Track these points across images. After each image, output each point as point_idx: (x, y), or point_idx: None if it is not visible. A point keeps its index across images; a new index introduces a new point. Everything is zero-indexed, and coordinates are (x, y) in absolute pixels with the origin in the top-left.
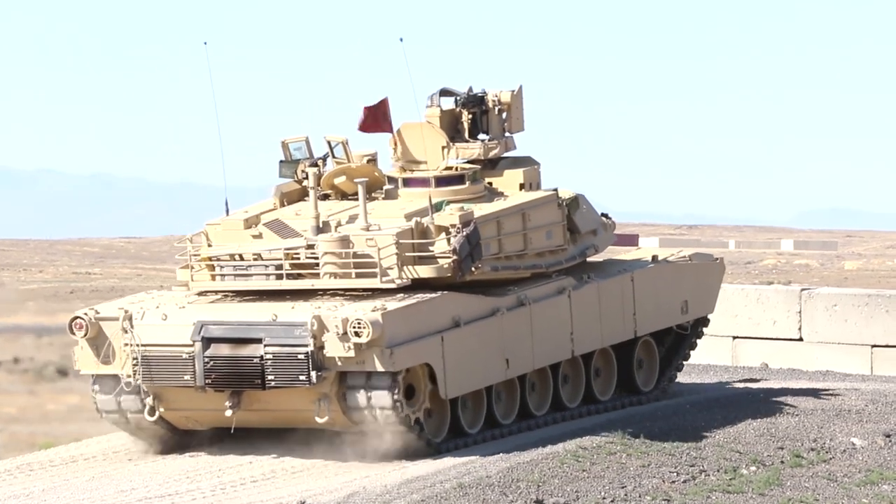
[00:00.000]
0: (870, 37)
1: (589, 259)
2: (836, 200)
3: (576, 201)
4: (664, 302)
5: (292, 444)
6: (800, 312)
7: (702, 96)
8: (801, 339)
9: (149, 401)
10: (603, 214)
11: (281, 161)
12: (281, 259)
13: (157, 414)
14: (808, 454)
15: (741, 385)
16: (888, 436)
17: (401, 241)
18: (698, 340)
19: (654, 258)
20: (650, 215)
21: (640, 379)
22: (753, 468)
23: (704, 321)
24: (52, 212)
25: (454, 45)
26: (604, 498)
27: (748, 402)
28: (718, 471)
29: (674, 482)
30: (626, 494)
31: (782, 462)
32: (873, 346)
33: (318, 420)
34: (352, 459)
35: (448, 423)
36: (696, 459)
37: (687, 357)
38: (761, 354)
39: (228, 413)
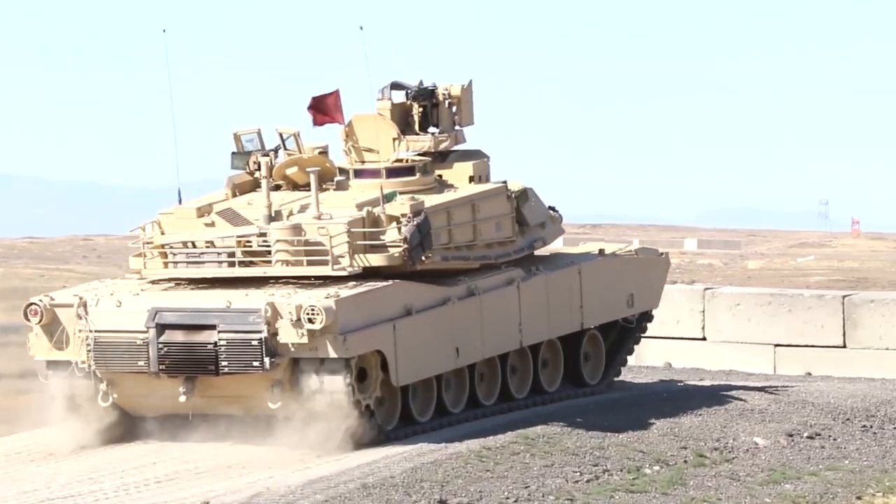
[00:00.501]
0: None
1: (537, 252)
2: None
3: (525, 194)
4: (610, 295)
5: (236, 435)
6: (703, 311)
7: (616, 97)
8: (704, 339)
9: (102, 387)
10: (550, 208)
11: (233, 153)
12: (233, 247)
13: (110, 400)
14: (712, 454)
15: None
16: (791, 435)
17: (352, 229)
18: (642, 335)
19: (601, 251)
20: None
21: (587, 371)
22: (657, 468)
23: (649, 315)
24: None
25: (408, 39)
26: (507, 498)
27: (651, 402)
28: (622, 470)
29: (577, 482)
30: (529, 494)
31: (685, 461)
32: (776, 345)
33: (272, 406)
34: (302, 448)
35: (399, 412)
36: (599, 459)
37: (631, 351)
38: (665, 354)
39: (182, 399)
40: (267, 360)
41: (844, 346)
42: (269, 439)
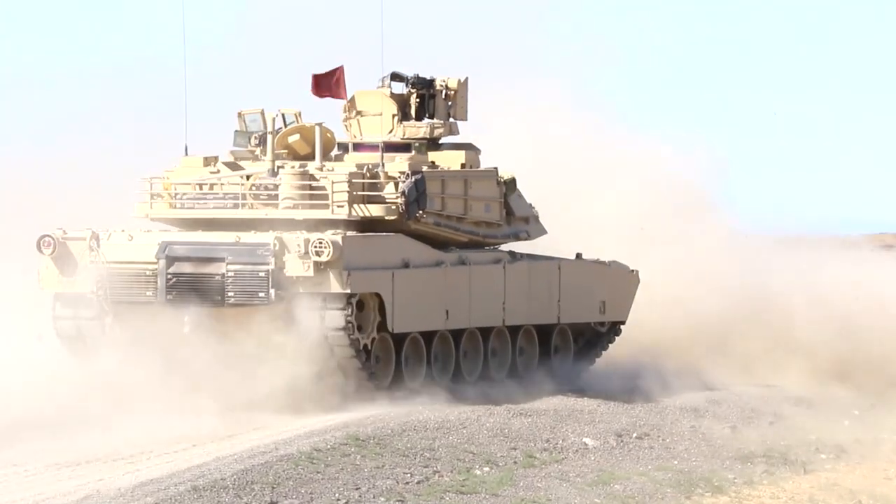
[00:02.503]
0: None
1: (517, 250)
2: None
3: (513, 182)
4: (585, 297)
5: (238, 373)
6: None
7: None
8: None
9: (108, 320)
10: (529, 205)
11: (236, 131)
12: (239, 190)
13: (116, 333)
14: (541, 454)
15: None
16: (620, 435)
17: (353, 179)
18: (610, 344)
19: (579, 255)
20: None
21: (556, 364)
22: (487, 468)
23: (618, 328)
24: None
25: (420, 29)
26: (338, 499)
27: (482, 403)
28: (452, 471)
29: (408, 483)
30: (360, 496)
31: (515, 462)
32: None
33: (276, 338)
34: (297, 387)
35: (392, 374)
36: (429, 460)
37: (599, 354)
38: None
39: (186, 330)
40: (272, 291)
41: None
42: (268, 376)
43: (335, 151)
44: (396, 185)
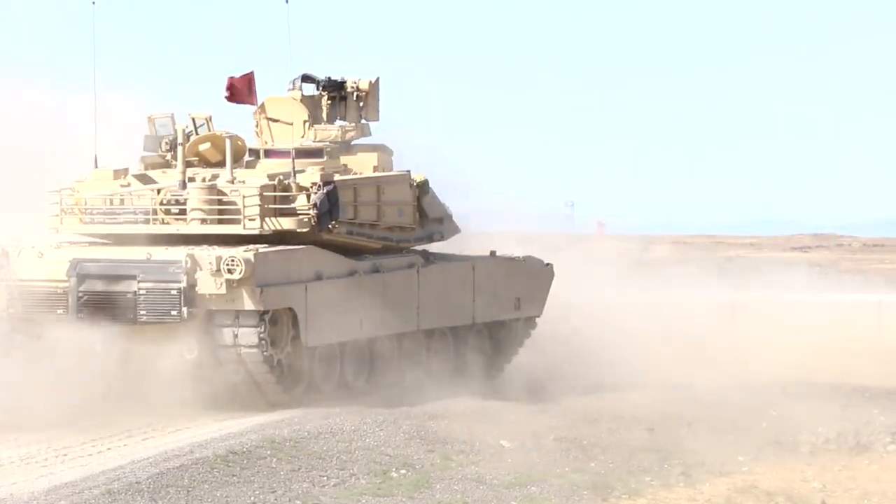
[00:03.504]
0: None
1: (432, 251)
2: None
3: (426, 185)
4: (500, 295)
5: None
6: None
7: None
8: None
9: (19, 338)
10: (443, 205)
11: (146, 135)
12: (150, 205)
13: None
14: (458, 456)
15: None
16: (536, 437)
17: (264, 193)
18: (527, 339)
19: (492, 253)
20: None
21: (472, 364)
22: (403, 471)
23: (534, 322)
24: None
25: (322, 32)
26: (253, 502)
27: (396, 406)
28: (368, 474)
29: (324, 486)
30: (275, 499)
31: (432, 465)
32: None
33: (188, 357)
34: (213, 401)
35: (305, 381)
36: (346, 463)
37: (516, 352)
38: None
39: (98, 348)
40: (185, 309)
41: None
42: (183, 392)
43: (247, 158)
44: (308, 196)
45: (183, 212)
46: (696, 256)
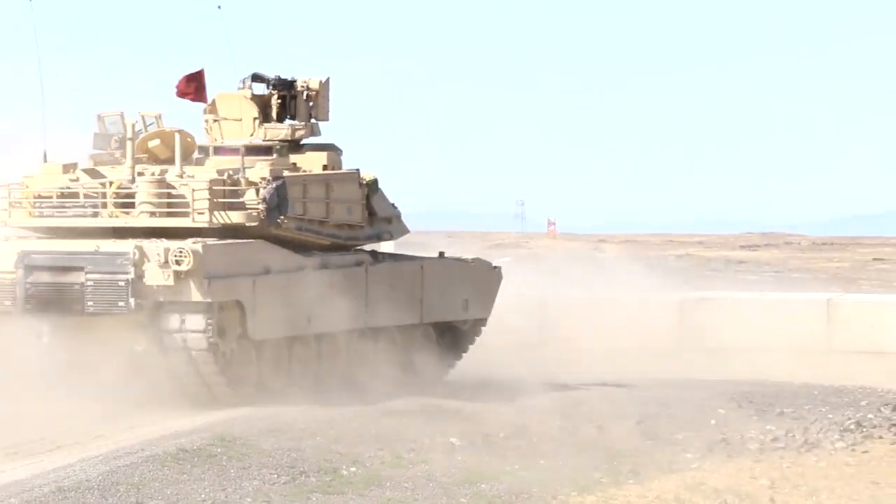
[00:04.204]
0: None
1: (381, 251)
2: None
3: (375, 184)
4: (448, 296)
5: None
6: None
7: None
8: None
9: None
10: (391, 204)
11: (96, 133)
12: (98, 198)
13: None
14: (408, 454)
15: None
16: (486, 435)
17: (213, 186)
18: (477, 338)
19: (441, 254)
20: None
21: (419, 364)
22: (353, 469)
23: (482, 323)
24: None
25: (271, 28)
26: (204, 500)
27: (346, 404)
28: (318, 472)
29: (274, 484)
30: (226, 497)
31: (382, 462)
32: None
33: (137, 348)
34: (161, 394)
35: (253, 379)
36: (296, 461)
37: (465, 351)
38: None
39: (45, 340)
40: (132, 300)
41: (543, 345)
42: (131, 384)
43: (196, 155)
44: (257, 191)
45: (132, 205)
46: (647, 255)
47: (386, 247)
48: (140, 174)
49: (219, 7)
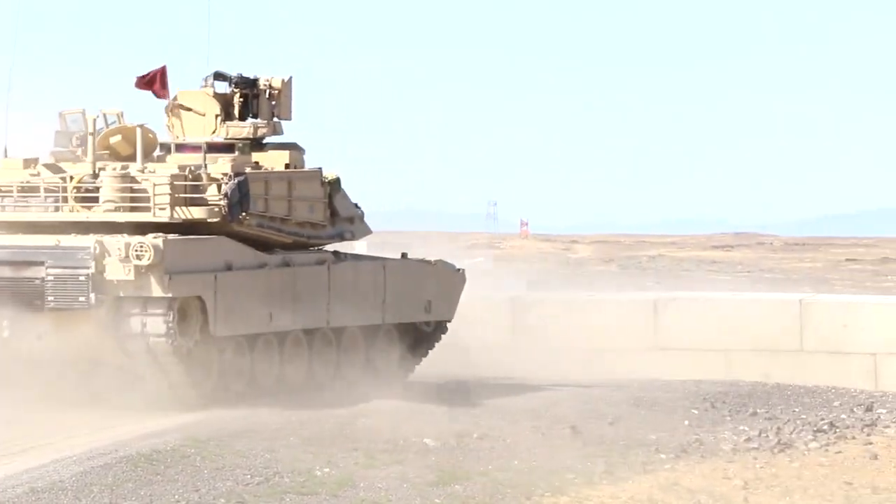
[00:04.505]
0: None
1: (343, 251)
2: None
3: (338, 182)
4: (411, 297)
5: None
6: None
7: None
8: None
9: None
10: (354, 204)
11: (57, 131)
12: (59, 192)
13: None
14: (382, 455)
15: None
16: (460, 436)
17: (175, 181)
18: (437, 343)
19: (404, 255)
20: None
21: (382, 365)
22: (327, 469)
23: (444, 327)
24: None
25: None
26: (178, 501)
27: (320, 405)
28: (292, 472)
29: (248, 484)
30: (199, 497)
31: (356, 463)
32: (447, 345)
33: (97, 343)
34: (122, 390)
35: (214, 378)
36: (269, 461)
37: (426, 355)
38: None
39: (6, 335)
40: (93, 295)
41: (515, 347)
42: (93, 381)
43: (157, 152)
44: (219, 186)
45: (94, 199)
46: (619, 255)
47: (359, 246)
48: (102, 169)
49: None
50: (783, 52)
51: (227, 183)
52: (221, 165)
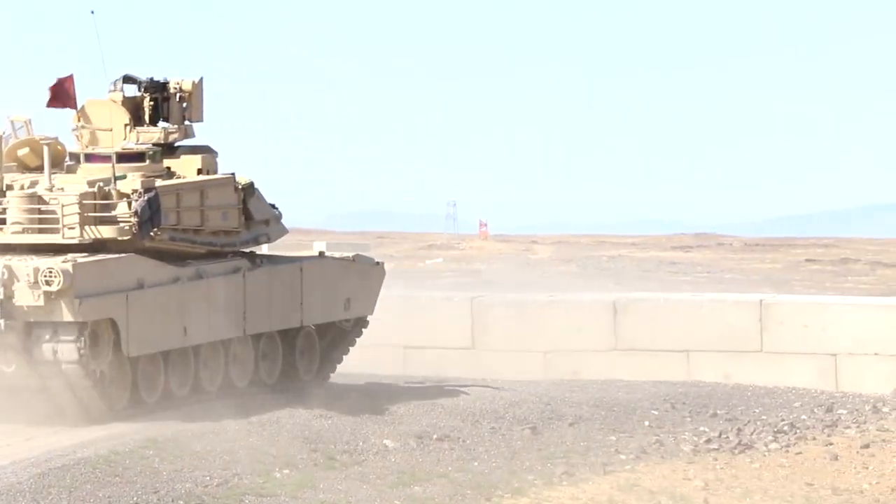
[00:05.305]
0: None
1: (261, 253)
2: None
3: (252, 187)
4: (329, 296)
5: None
6: None
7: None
8: None
9: None
10: (271, 205)
11: None
12: None
13: None
14: (341, 456)
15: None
16: (420, 437)
17: (84, 201)
18: (357, 339)
19: (321, 254)
20: None
21: (302, 366)
22: (286, 471)
23: (364, 322)
24: None
25: (144, 29)
26: (136, 503)
27: (280, 406)
28: (251, 474)
29: (207, 486)
30: (158, 499)
31: (315, 465)
32: (405, 346)
33: (6, 369)
34: (34, 414)
35: (128, 393)
36: (229, 463)
37: (347, 352)
38: None
39: None
40: (2, 322)
41: (474, 348)
42: (4, 405)
43: (67, 162)
44: (129, 204)
45: (2, 221)
46: (579, 256)
47: (318, 245)
48: (9, 187)
49: (92, 12)
50: (737, 55)
51: (136, 200)
52: (131, 181)
